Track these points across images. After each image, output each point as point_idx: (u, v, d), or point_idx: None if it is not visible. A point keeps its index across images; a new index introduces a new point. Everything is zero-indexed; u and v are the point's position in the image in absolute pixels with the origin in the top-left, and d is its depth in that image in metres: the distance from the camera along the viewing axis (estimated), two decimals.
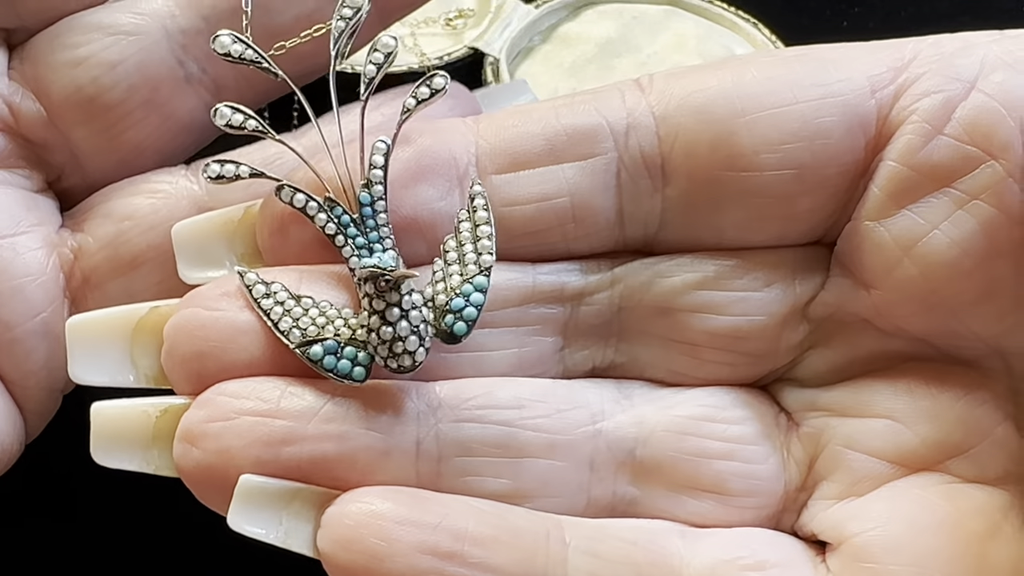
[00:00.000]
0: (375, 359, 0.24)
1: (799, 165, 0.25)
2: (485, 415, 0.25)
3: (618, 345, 0.26)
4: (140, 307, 0.25)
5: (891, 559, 0.24)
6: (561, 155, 0.25)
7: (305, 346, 0.24)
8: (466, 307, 0.24)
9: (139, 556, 0.31)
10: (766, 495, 0.25)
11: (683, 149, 0.25)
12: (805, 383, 0.26)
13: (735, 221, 0.25)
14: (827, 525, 0.25)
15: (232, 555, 0.29)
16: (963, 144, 0.24)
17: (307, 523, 0.24)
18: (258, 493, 0.23)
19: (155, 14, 0.28)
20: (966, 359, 0.25)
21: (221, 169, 0.25)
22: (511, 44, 0.40)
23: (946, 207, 0.24)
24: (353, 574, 0.23)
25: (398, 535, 0.23)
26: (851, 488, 0.25)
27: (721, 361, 0.26)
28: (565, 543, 0.24)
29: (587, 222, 0.25)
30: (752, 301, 0.26)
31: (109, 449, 0.25)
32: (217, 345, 0.24)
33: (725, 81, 0.25)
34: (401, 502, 0.23)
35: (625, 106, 0.25)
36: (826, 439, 0.25)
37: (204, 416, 0.24)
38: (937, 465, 0.25)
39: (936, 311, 0.25)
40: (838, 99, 0.25)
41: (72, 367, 0.25)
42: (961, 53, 0.25)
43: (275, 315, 0.24)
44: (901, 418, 0.25)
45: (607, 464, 0.25)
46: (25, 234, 0.27)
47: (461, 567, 0.23)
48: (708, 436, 0.25)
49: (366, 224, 0.25)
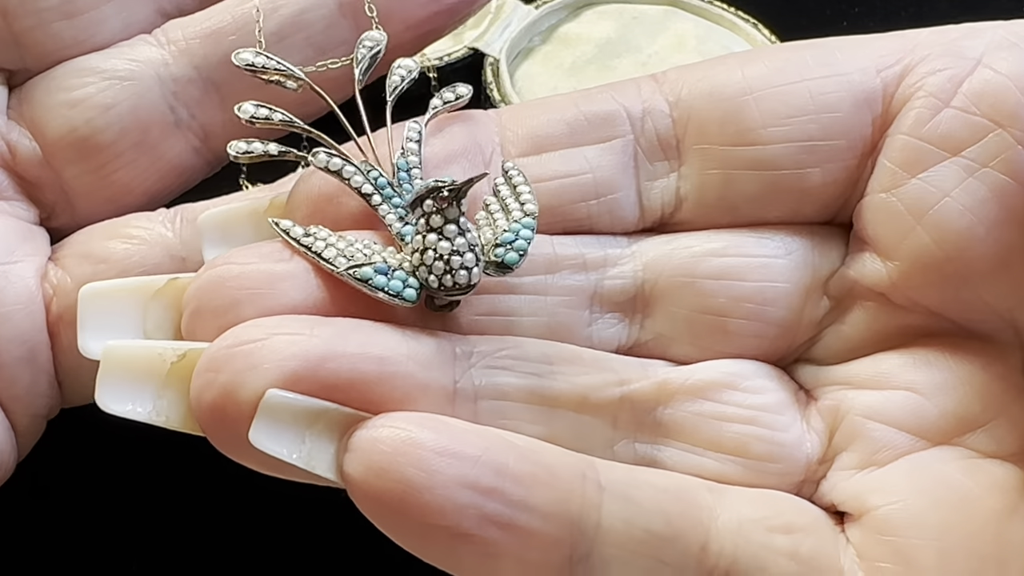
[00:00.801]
0: (427, 285, 0.24)
1: (808, 137, 0.25)
2: (517, 365, 0.24)
3: (643, 322, 0.26)
4: (157, 278, 0.25)
5: (913, 533, 0.24)
6: (582, 138, 0.26)
7: (354, 268, 0.24)
8: (516, 240, 0.25)
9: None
10: (788, 462, 0.25)
11: (695, 128, 0.26)
12: (822, 362, 0.26)
13: (748, 194, 0.26)
14: (848, 495, 0.25)
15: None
16: (971, 115, 0.25)
17: (331, 445, 0.23)
18: (283, 410, 0.22)
19: (149, 61, 0.29)
20: (982, 333, 0.25)
21: (248, 146, 0.26)
22: (511, 44, 0.40)
23: (956, 175, 0.25)
24: (385, 503, 0.22)
25: (438, 466, 0.22)
26: (871, 458, 0.25)
27: (747, 333, 0.26)
28: (600, 486, 0.23)
29: (609, 200, 0.26)
30: (775, 267, 0.26)
31: (115, 392, 0.24)
32: (254, 292, 0.24)
33: (734, 67, 0.26)
34: (441, 431, 0.22)
35: (641, 95, 0.27)
36: (844, 410, 0.25)
37: (233, 341, 0.23)
38: (955, 438, 0.25)
39: (950, 281, 0.25)
40: (843, 77, 0.26)
41: (81, 337, 0.25)
42: (966, 36, 0.26)
43: (317, 248, 0.24)
44: (921, 390, 0.25)
45: (629, 423, 0.25)
46: (19, 263, 0.28)
47: (501, 504, 0.22)
48: (729, 402, 0.25)
49: (403, 188, 0.25)
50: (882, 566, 0.24)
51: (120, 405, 0.24)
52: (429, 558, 0.23)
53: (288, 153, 0.26)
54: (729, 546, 0.24)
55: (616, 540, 0.23)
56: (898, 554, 0.24)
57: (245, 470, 0.31)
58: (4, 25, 0.29)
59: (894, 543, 0.24)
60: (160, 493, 0.31)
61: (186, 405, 0.23)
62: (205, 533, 0.31)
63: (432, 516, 0.22)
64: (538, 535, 0.22)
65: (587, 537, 0.23)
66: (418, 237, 0.24)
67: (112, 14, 0.29)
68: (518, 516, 0.22)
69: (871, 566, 0.24)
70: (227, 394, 0.22)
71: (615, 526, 0.23)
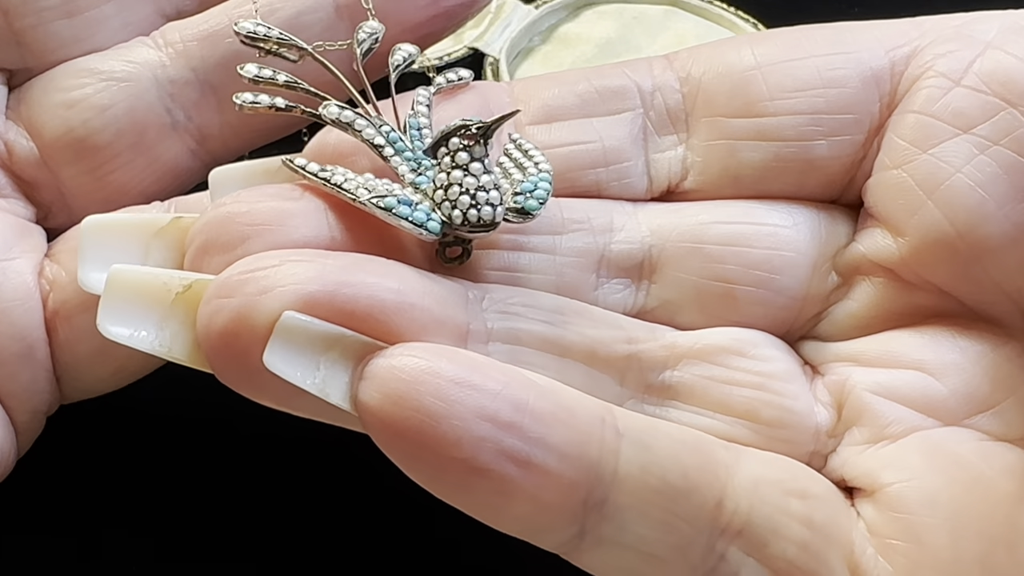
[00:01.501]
0: (450, 220, 0.24)
1: (814, 110, 0.26)
2: (530, 312, 0.24)
3: (649, 288, 0.26)
4: (161, 216, 0.25)
5: (927, 512, 0.24)
6: (592, 110, 0.27)
7: (377, 197, 0.23)
8: (536, 189, 0.25)
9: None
10: (798, 430, 0.25)
11: (704, 101, 0.27)
12: (828, 339, 0.26)
13: (752, 164, 0.26)
14: (860, 471, 0.25)
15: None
16: (982, 93, 0.25)
17: (345, 372, 0.22)
18: (299, 333, 0.22)
19: (146, 63, 0.29)
20: (990, 316, 0.25)
21: (255, 98, 0.26)
22: (511, 44, 0.40)
23: (967, 151, 0.25)
24: (400, 433, 0.22)
25: (457, 396, 0.21)
26: (882, 432, 0.25)
27: (754, 301, 0.26)
28: (619, 432, 0.23)
29: (617, 168, 0.26)
30: (783, 236, 0.26)
31: (118, 317, 0.23)
32: (264, 227, 0.23)
33: (744, 46, 0.27)
34: (461, 363, 0.22)
35: (652, 72, 0.27)
36: (851, 386, 0.25)
37: (245, 268, 0.22)
38: (965, 420, 0.25)
39: (960, 258, 0.25)
40: (852, 55, 0.26)
41: (81, 269, 0.25)
42: (976, 21, 0.26)
43: (337, 180, 0.24)
44: (930, 369, 0.25)
45: (637, 384, 0.25)
46: (17, 259, 0.28)
47: (520, 440, 0.22)
48: (738, 368, 0.25)
49: (415, 144, 0.25)
50: (893, 543, 0.24)
51: (121, 330, 0.23)
52: (441, 492, 0.22)
53: (296, 108, 0.25)
54: (744, 505, 0.23)
55: (632, 488, 0.23)
56: (910, 532, 0.24)
57: (245, 470, 0.31)
58: (5, 23, 0.29)
59: (907, 520, 0.24)
60: (160, 492, 0.31)
61: (191, 337, 0.23)
62: (205, 533, 0.31)
63: (448, 447, 0.21)
64: (555, 475, 0.22)
65: (604, 483, 0.22)
66: (441, 175, 0.24)
67: (112, 14, 0.30)
68: (536, 453, 0.22)
69: (882, 542, 0.24)
70: (239, 318, 0.22)
71: (632, 473, 0.23)
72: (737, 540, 0.23)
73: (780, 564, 0.23)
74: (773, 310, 0.26)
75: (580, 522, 0.23)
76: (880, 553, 0.24)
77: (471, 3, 0.29)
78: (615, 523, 0.23)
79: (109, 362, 0.28)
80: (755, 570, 0.23)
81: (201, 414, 0.31)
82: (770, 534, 0.23)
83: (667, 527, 0.23)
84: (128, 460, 0.31)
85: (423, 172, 0.25)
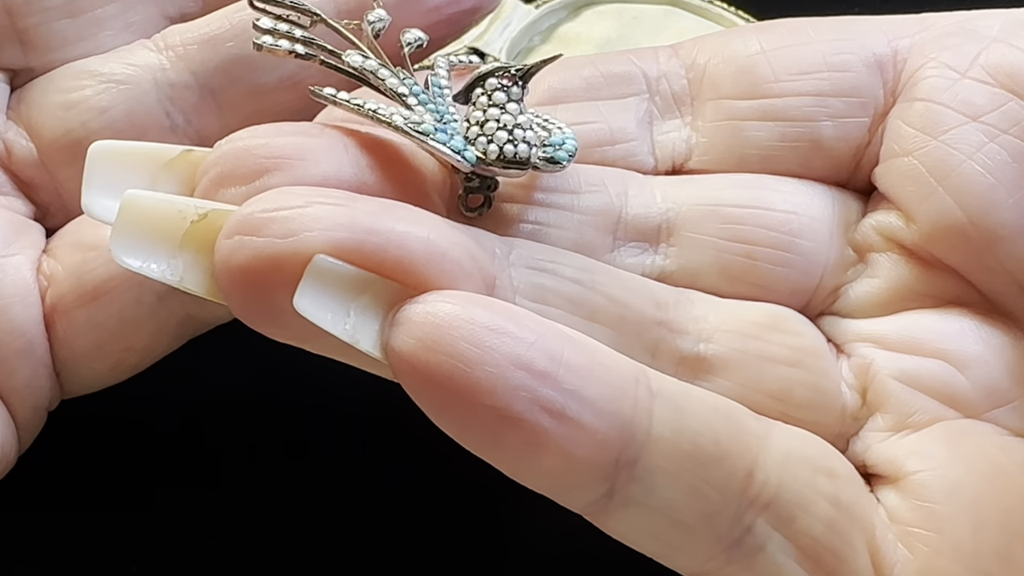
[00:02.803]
0: (485, 155, 0.23)
1: (819, 92, 0.26)
2: (557, 269, 0.24)
3: (667, 250, 0.26)
4: (170, 147, 0.25)
5: (950, 502, 0.24)
6: (597, 94, 0.27)
7: (415, 124, 0.23)
8: (564, 143, 0.25)
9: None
10: (827, 412, 0.25)
11: (709, 85, 0.27)
12: (849, 315, 0.26)
13: (757, 143, 0.26)
14: (883, 459, 0.25)
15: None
16: (988, 85, 0.25)
17: (376, 319, 0.22)
18: (330, 276, 0.21)
19: (146, 66, 0.29)
20: (1006, 309, 0.26)
21: (275, 41, 0.25)
22: (511, 44, 0.40)
23: (977, 139, 0.25)
24: (433, 378, 0.21)
25: (492, 343, 0.21)
26: (905, 421, 0.25)
27: (775, 262, 0.26)
28: (652, 392, 0.23)
29: (623, 147, 0.27)
30: (800, 199, 0.26)
31: (130, 244, 0.23)
32: (284, 160, 0.23)
33: (750, 34, 0.27)
34: (496, 310, 0.22)
35: (658, 60, 0.27)
36: (875, 370, 0.25)
37: (268, 206, 0.22)
38: (985, 413, 0.25)
39: (973, 244, 0.25)
40: (856, 41, 0.27)
41: (85, 195, 0.24)
42: (980, 17, 0.26)
43: (371, 105, 0.23)
44: (953, 359, 0.25)
45: (669, 355, 0.24)
46: (16, 255, 0.28)
47: (554, 391, 0.21)
48: (774, 342, 0.25)
49: (436, 100, 0.25)
50: (914, 531, 0.23)
51: (133, 259, 0.23)
52: (470, 443, 0.22)
53: (315, 57, 0.25)
54: (774, 478, 0.23)
55: (665, 450, 0.22)
56: (932, 520, 0.24)
57: (246, 471, 0.31)
58: (8, 23, 0.29)
59: (929, 509, 0.24)
60: (161, 492, 0.31)
61: (205, 267, 0.23)
62: (205, 533, 0.31)
63: (481, 395, 0.21)
64: (588, 430, 0.22)
65: (636, 442, 0.22)
66: (476, 112, 0.24)
67: (115, 14, 0.29)
68: (570, 405, 0.21)
69: (903, 530, 0.24)
70: (265, 258, 0.22)
71: (665, 435, 0.22)
72: (765, 513, 0.23)
73: (806, 541, 0.23)
74: (795, 273, 0.26)
75: (610, 481, 0.22)
76: (900, 540, 0.24)
77: (474, 10, 0.29)
78: (645, 485, 0.22)
79: (107, 357, 0.28)
80: (781, 545, 0.23)
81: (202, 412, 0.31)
82: (798, 509, 0.23)
83: (697, 493, 0.23)
84: (128, 461, 0.31)
85: (448, 123, 0.24)
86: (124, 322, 0.27)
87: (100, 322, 0.27)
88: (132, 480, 0.31)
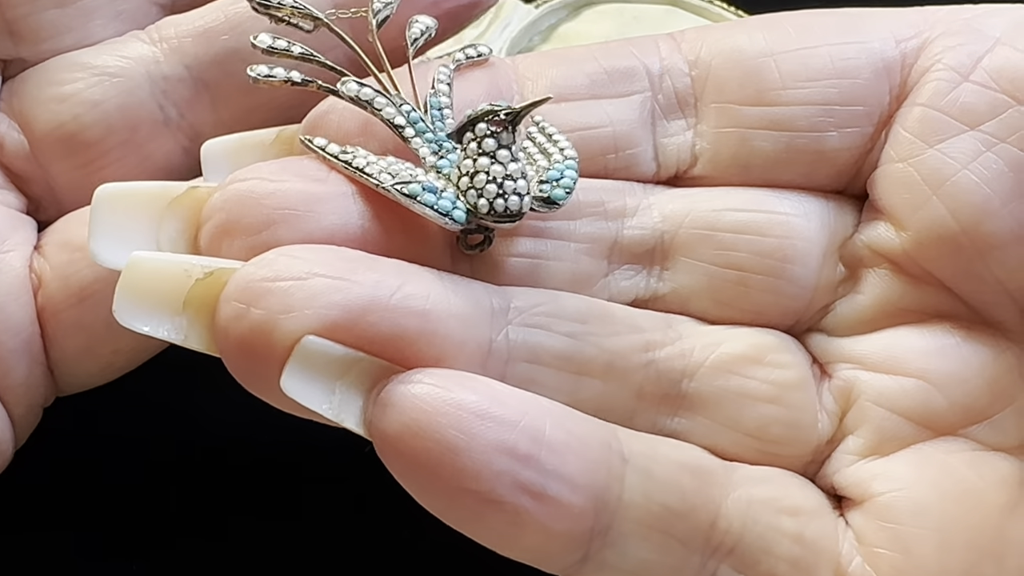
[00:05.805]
0: (475, 209, 0.23)
1: (826, 101, 0.26)
2: (552, 324, 0.24)
3: (661, 274, 0.26)
4: (176, 185, 0.25)
5: (915, 522, 0.24)
6: (601, 92, 0.26)
7: (402, 184, 0.23)
8: (562, 177, 0.24)
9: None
10: (802, 444, 0.25)
11: (714, 86, 0.26)
12: (834, 333, 0.26)
13: (763, 154, 0.26)
14: (851, 481, 0.25)
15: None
16: (990, 90, 0.25)
17: (359, 397, 0.22)
18: (318, 357, 0.22)
19: (140, 59, 0.29)
20: (993, 319, 0.25)
21: (270, 71, 0.25)
22: (511, 44, 0.40)
23: (974, 147, 0.25)
24: (419, 463, 0.21)
25: (478, 429, 0.21)
26: (877, 447, 0.25)
27: (766, 289, 0.26)
28: (623, 457, 0.23)
29: (627, 155, 0.26)
30: (795, 225, 0.26)
31: (134, 307, 0.23)
32: (291, 212, 0.23)
33: (755, 29, 0.27)
34: (481, 392, 0.22)
35: (660, 52, 0.27)
36: (856, 394, 0.25)
37: (268, 274, 0.22)
38: (960, 429, 0.25)
39: (964, 254, 0.25)
40: (864, 44, 0.26)
41: (92, 242, 0.24)
42: (985, 15, 0.26)
43: (358, 163, 0.23)
44: (932, 379, 0.25)
45: (654, 395, 0.25)
46: (9, 252, 0.28)
47: (536, 473, 0.22)
48: (755, 378, 0.25)
49: (435, 124, 0.24)
50: (880, 552, 0.24)
51: (136, 323, 0.23)
52: (452, 521, 0.22)
53: (312, 83, 0.25)
54: (737, 524, 0.24)
55: (635, 515, 0.23)
56: (898, 541, 0.24)
57: (246, 471, 0.31)
58: None
59: (895, 530, 0.24)
60: (161, 492, 0.31)
61: (207, 325, 0.23)
62: (206, 533, 0.31)
63: (466, 480, 0.21)
64: (567, 506, 0.22)
65: (609, 510, 0.23)
66: (467, 161, 0.23)
67: (104, 2, 0.29)
68: (550, 485, 0.22)
69: (869, 551, 0.24)
70: (259, 332, 0.22)
71: (635, 500, 0.23)
72: (729, 558, 0.24)
73: None
74: (785, 299, 0.26)
75: (585, 548, 0.23)
76: (867, 562, 0.24)
77: (473, 5, 0.29)
78: (617, 549, 0.23)
79: (96, 359, 0.28)
80: None
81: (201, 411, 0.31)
82: (761, 553, 0.24)
83: (665, 549, 0.23)
84: (128, 460, 0.31)
85: (445, 155, 0.24)
86: (111, 325, 0.26)
87: (88, 324, 0.27)
88: (131, 478, 0.31)
